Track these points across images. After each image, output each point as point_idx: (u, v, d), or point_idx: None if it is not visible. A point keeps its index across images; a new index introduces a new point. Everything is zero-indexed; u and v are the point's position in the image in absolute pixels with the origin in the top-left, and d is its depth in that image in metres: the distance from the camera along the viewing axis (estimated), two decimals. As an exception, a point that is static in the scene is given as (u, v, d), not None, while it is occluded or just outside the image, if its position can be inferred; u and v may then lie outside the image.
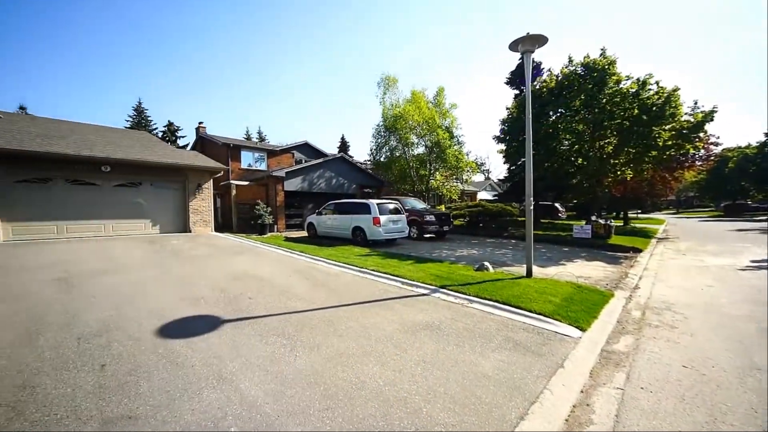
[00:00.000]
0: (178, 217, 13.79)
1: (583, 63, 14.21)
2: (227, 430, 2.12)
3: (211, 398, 2.44)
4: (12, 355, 3.06)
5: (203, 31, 77.90)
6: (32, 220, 10.75)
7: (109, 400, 2.41)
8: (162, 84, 73.50)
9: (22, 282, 5.54)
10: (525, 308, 4.56)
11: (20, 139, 10.99)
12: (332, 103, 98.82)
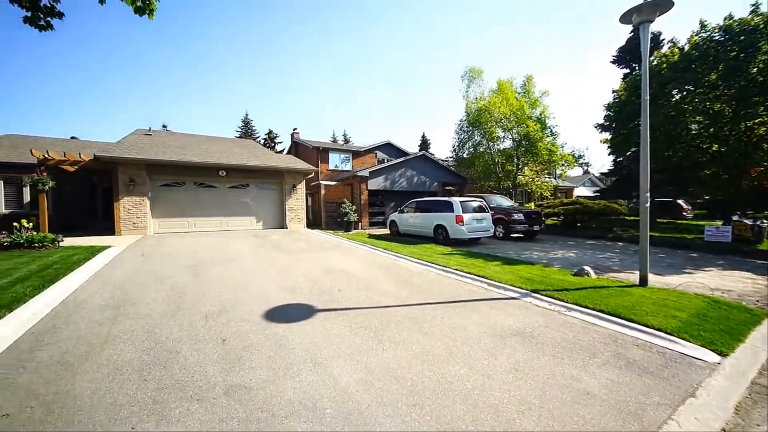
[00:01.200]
0: (277, 215, 15.58)
1: (722, 27, 11.44)
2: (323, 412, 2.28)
3: (309, 380, 2.67)
4: (163, 324, 3.82)
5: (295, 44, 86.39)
6: (171, 216, 13.39)
7: (230, 370, 2.82)
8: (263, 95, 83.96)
9: (165, 266, 6.91)
10: (639, 322, 3.88)
11: (164, 152, 13.76)
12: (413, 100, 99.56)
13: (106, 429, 2.10)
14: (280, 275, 6.21)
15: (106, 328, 3.69)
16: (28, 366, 2.87)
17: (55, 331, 3.61)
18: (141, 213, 12.36)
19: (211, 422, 2.17)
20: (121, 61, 70.59)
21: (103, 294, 4.93)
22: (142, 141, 15.19)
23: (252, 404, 2.35)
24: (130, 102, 73.32)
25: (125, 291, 5.08)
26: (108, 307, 4.37)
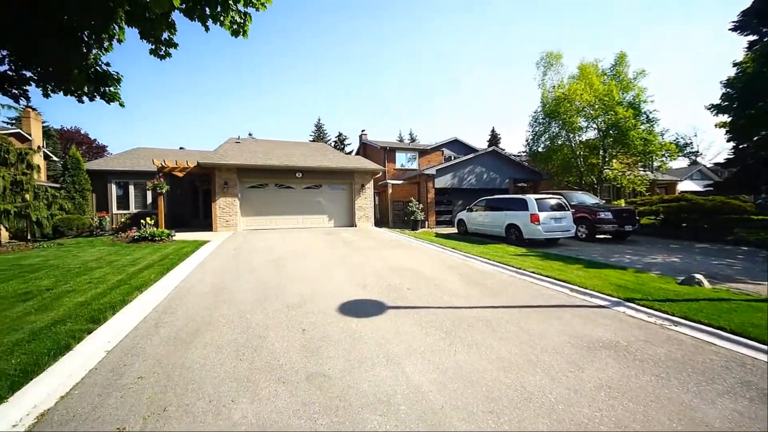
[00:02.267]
0: (347, 213, 16.32)
1: None
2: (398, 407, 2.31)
3: (382, 375, 2.73)
4: (252, 312, 4.28)
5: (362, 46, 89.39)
6: (256, 214, 14.93)
7: (310, 358, 3.03)
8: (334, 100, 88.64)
9: (252, 260, 7.72)
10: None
11: (251, 157, 15.39)
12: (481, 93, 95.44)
13: (211, 399, 2.43)
14: (351, 271, 6.48)
15: (208, 311, 4.27)
16: (153, 339, 3.46)
17: (172, 311, 4.29)
18: (232, 212, 14.04)
19: (295, 404, 2.35)
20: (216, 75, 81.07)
21: (206, 282, 5.72)
22: (234, 148, 17.23)
23: (330, 392, 2.50)
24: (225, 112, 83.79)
25: (222, 280, 5.82)
26: (210, 293, 5.05)
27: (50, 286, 5.22)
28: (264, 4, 3.98)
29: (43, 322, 3.74)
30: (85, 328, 3.61)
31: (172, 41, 3.83)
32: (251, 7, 3.97)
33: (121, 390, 2.54)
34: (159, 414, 2.26)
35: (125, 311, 4.26)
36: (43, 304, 4.37)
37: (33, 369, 2.77)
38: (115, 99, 4.88)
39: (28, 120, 17.83)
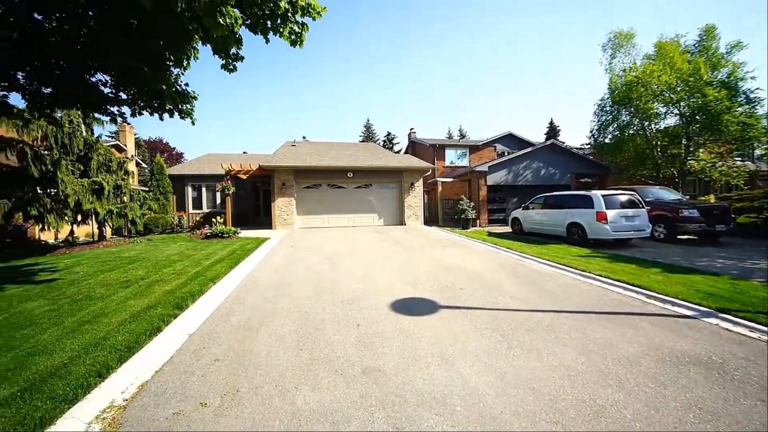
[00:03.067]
0: (396, 212, 16.42)
1: None
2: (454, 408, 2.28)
3: (437, 374, 2.71)
4: (310, 305, 4.52)
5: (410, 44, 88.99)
6: (310, 213, 15.68)
7: (365, 352, 3.12)
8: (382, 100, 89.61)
9: (308, 256, 8.13)
10: None
11: (305, 159, 16.20)
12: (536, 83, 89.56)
13: (277, 384, 2.62)
14: (402, 269, 6.51)
15: (271, 303, 4.60)
16: (226, 326, 3.83)
17: (240, 302, 4.70)
18: (289, 211, 14.93)
19: (353, 396, 2.44)
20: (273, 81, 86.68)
21: (268, 276, 6.16)
22: (290, 151, 18.29)
23: (386, 387, 2.54)
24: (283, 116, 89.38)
25: (282, 275, 6.22)
26: (271, 287, 5.43)
27: (143, 276, 6.03)
28: (319, 13, 4.16)
29: (140, 307, 4.34)
30: (171, 313, 4.11)
31: (239, 55, 4.18)
32: (308, 17, 4.18)
33: (201, 369, 2.86)
34: (233, 393, 2.50)
35: (202, 300, 4.76)
36: (139, 291, 5.07)
37: (133, 345, 3.23)
38: (189, 116, 5.47)
39: (124, 132, 20.72)
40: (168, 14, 2.99)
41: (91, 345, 3.25)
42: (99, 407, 2.37)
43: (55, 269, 7.01)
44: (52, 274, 6.48)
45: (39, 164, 9.58)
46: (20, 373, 2.77)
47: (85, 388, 2.55)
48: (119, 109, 5.65)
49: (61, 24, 4.20)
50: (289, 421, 2.19)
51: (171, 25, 3.23)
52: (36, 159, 9.58)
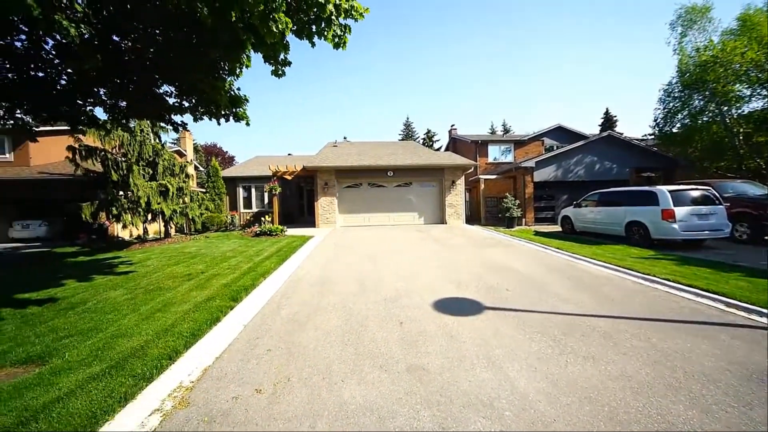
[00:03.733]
0: (436, 211, 16.21)
1: None
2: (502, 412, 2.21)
3: (483, 377, 2.64)
4: (354, 302, 4.62)
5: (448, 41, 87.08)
6: (352, 212, 16.01)
7: (409, 350, 3.12)
8: (421, 98, 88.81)
9: (351, 254, 8.31)
10: None
11: (346, 159, 16.55)
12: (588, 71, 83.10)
13: (324, 376, 2.72)
14: (444, 269, 6.42)
15: (317, 298, 4.78)
16: (276, 318, 4.05)
17: (288, 296, 4.94)
18: (331, 210, 15.37)
19: (398, 392, 2.45)
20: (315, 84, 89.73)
21: (313, 272, 6.40)
22: (332, 152, 18.81)
23: (430, 386, 2.53)
24: (324, 117, 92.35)
25: (326, 272, 6.43)
26: (316, 283, 5.64)
27: (203, 270, 6.58)
28: (362, 14, 4.23)
29: (201, 298, 4.74)
30: (228, 305, 4.44)
31: (286, 60, 4.38)
32: (350, 19, 4.26)
33: (255, 358, 3.05)
34: (285, 382, 2.64)
35: (254, 293, 5.08)
36: (200, 284, 5.54)
37: (197, 333, 3.54)
38: (243, 118, 5.83)
39: (184, 139, 22.70)
40: (224, 26, 3.23)
41: (163, 331, 3.61)
42: (170, 387, 2.63)
43: (131, 262, 7.89)
44: (129, 267, 7.30)
45: (117, 169, 10.83)
46: (107, 353, 3.16)
47: (159, 369, 2.84)
48: (182, 117, 6.20)
49: (134, 43, 4.71)
50: (337, 412, 2.27)
51: (226, 36, 3.48)
52: (115, 165, 10.84)
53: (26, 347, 3.40)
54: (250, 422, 2.20)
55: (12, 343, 3.51)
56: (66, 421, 2.19)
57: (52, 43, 4.87)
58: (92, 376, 2.74)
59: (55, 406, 2.35)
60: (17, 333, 3.78)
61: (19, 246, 13.17)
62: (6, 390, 2.60)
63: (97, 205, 10.55)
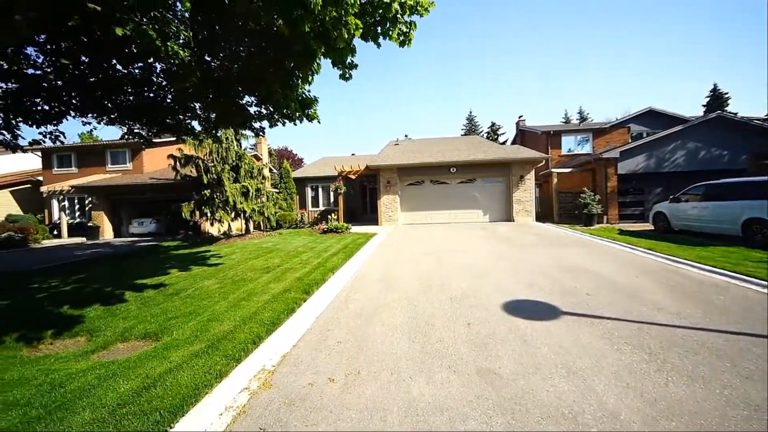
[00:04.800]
0: (503, 207, 15.36)
1: None
2: (588, 430, 2.00)
3: (563, 388, 2.43)
4: (418, 299, 4.61)
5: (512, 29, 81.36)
6: (414, 210, 15.99)
7: (479, 353, 3.01)
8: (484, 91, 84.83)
9: (414, 252, 8.30)
10: None
11: (408, 157, 16.56)
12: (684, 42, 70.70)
13: (392, 372, 2.76)
14: (513, 268, 6.06)
15: (382, 294, 4.88)
16: (345, 312, 4.23)
17: (355, 291, 5.13)
18: (394, 208, 15.55)
19: (468, 395, 2.38)
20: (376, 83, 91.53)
21: (378, 269, 6.55)
22: (393, 150, 19.02)
23: (503, 392, 2.40)
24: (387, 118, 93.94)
25: (390, 268, 6.53)
26: (381, 279, 5.76)
27: (279, 264, 7.17)
28: (427, 9, 4.17)
29: (278, 290, 5.17)
30: (301, 297, 4.77)
31: (353, 63, 4.52)
32: (415, 15, 4.23)
33: (327, 349, 3.23)
34: (355, 374, 2.74)
35: (324, 287, 5.38)
36: (276, 277, 6.05)
37: (276, 321, 3.87)
38: (315, 117, 6.16)
39: (260, 144, 24.98)
40: (297, 36, 3.46)
41: (247, 318, 4.03)
42: (255, 369, 2.91)
43: (219, 256, 8.95)
44: (218, 260, 8.29)
45: (208, 174, 12.34)
46: (205, 334, 3.63)
47: (245, 352, 3.17)
48: (260, 123, 6.82)
49: (222, 61, 5.31)
50: (406, 408, 2.28)
51: (299, 46, 3.73)
52: (206, 170, 12.38)
53: (145, 325, 4.07)
54: (325, 408, 2.33)
55: (135, 321, 4.24)
56: (176, 390, 2.56)
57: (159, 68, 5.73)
58: (194, 354, 3.16)
59: (167, 376, 2.77)
60: (138, 313, 4.55)
61: (136, 240, 15.85)
62: (133, 359, 3.15)
63: (193, 205, 12.19)
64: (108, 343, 3.66)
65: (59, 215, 18.41)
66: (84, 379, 2.82)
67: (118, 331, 3.93)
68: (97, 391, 2.62)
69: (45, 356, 3.52)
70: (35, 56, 5.75)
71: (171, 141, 16.45)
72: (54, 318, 4.47)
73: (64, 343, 3.84)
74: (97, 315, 4.53)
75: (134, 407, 2.37)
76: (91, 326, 4.14)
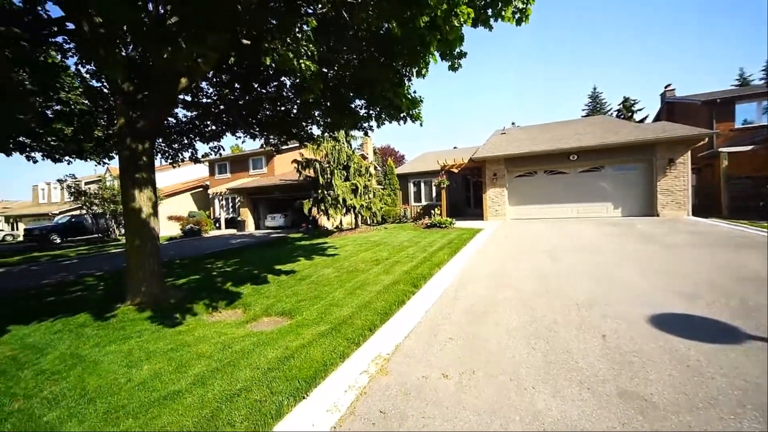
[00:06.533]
0: (642, 199, 12.69)
1: None
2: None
3: None
4: (534, 302, 4.18)
5: None
6: (524, 204, 14.63)
7: (619, 372, 2.55)
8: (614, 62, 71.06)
9: (525, 249, 7.58)
10: None
11: (517, 146, 15.20)
12: None
13: (512, 378, 2.57)
14: (662, 273, 4.94)
15: (492, 293, 4.61)
16: (454, 308, 4.15)
17: (463, 287, 4.99)
18: (501, 202, 14.56)
19: (608, 419, 2.04)
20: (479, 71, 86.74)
21: (486, 266, 6.23)
22: (499, 140, 17.76)
23: (661, 425, 1.97)
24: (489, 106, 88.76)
25: (500, 265, 6.13)
26: (490, 276, 5.45)
27: (387, 257, 7.54)
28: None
29: (387, 282, 5.43)
30: (409, 290, 4.89)
31: (462, 53, 4.35)
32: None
33: (439, 344, 3.22)
34: (470, 374, 2.66)
35: (431, 282, 5.40)
36: (385, 269, 6.36)
37: (388, 311, 4.07)
38: (418, 118, 6.20)
39: (366, 144, 26.66)
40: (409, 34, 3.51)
41: (363, 305, 4.35)
42: (371, 354, 3.11)
43: (334, 247, 9.94)
44: (334, 251, 9.21)
45: (324, 174, 13.81)
46: (327, 317, 4.07)
47: (363, 337, 3.43)
48: (369, 124, 7.25)
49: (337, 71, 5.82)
50: (530, 420, 2.09)
51: (411, 42, 3.78)
52: (322, 171, 13.87)
53: (282, 304, 4.80)
54: (440, 404, 2.32)
55: (274, 300, 5.04)
56: (309, 364, 2.94)
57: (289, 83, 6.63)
58: (321, 333, 3.58)
59: (301, 351, 3.20)
60: (276, 293, 5.40)
61: (270, 231, 18.94)
62: (275, 333, 3.75)
63: (312, 202, 13.86)
64: (257, 316, 4.46)
65: (219, 211, 23.41)
66: (243, 343, 3.50)
67: (263, 307, 4.75)
68: (252, 354, 3.21)
69: (217, 321, 4.51)
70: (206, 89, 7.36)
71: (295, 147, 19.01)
72: (223, 292, 5.69)
73: (228, 312, 4.84)
74: (248, 292, 5.57)
75: (279, 373, 2.82)
76: (245, 301, 5.12)
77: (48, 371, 3.23)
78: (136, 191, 5.02)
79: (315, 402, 2.45)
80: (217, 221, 22.94)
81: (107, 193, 19.77)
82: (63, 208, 26.76)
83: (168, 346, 3.58)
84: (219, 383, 2.75)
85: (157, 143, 8.14)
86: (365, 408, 2.34)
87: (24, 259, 12.78)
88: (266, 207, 22.68)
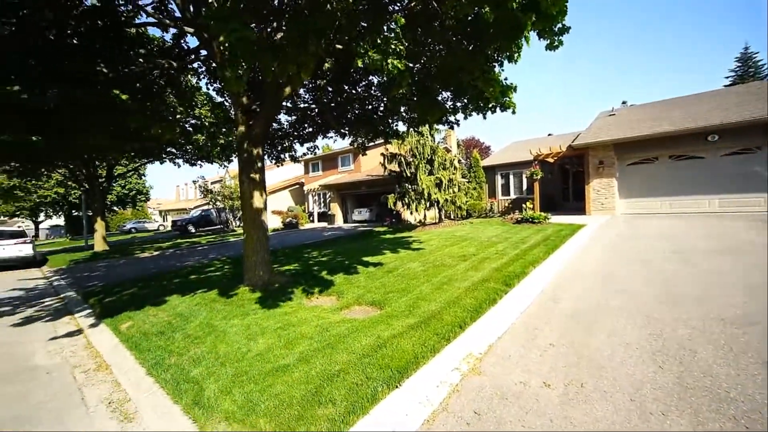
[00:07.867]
0: (825, 188, 9.54)
1: None
2: None
3: None
4: (658, 311, 3.52)
5: None
6: (639, 196, 12.41)
7: None
8: None
9: (643, 249, 6.41)
10: None
11: (631, 128, 12.91)
12: None
13: (632, 397, 2.21)
14: None
15: (600, 298, 4.04)
16: (554, 312, 3.77)
17: (563, 289, 4.49)
18: (609, 194, 12.64)
19: (780, 471, 1.60)
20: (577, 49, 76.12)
21: (591, 267, 5.50)
22: (607, 123, 15.37)
23: None
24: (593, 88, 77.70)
25: (608, 267, 5.33)
26: (597, 278, 4.79)
27: (474, 253, 7.26)
28: None
29: (476, 278, 5.23)
30: (501, 288, 4.62)
31: (565, 27, 3.86)
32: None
33: (538, 349, 2.97)
34: (578, 387, 2.38)
35: (525, 281, 5.01)
36: (473, 265, 6.14)
37: (478, 309, 3.91)
38: (510, 106, 5.74)
39: (450, 137, 25.98)
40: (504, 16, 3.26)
41: (451, 301, 4.27)
42: (462, 352, 3.04)
43: (419, 241, 10.00)
44: (419, 245, 9.26)
45: (408, 168, 13.96)
46: (416, 310, 4.12)
47: (453, 333, 3.37)
48: (455, 117, 7.03)
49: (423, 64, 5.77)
50: (661, 452, 1.77)
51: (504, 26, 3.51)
52: (406, 165, 14.03)
53: (371, 294, 5.03)
54: (544, 415, 2.14)
55: (364, 290, 5.31)
56: (400, 354, 3.02)
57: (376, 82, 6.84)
58: (410, 326, 3.64)
59: (392, 341, 3.30)
60: (366, 283, 5.68)
61: (356, 225, 20.03)
62: (367, 321, 3.95)
63: (396, 196, 14.16)
64: (349, 304, 4.77)
65: (312, 206, 25.73)
66: (339, 328, 3.78)
67: (355, 296, 5.05)
68: (347, 339, 3.45)
69: (315, 306, 4.96)
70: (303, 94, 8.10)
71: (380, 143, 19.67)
72: (319, 280, 6.26)
73: (324, 299, 5.29)
74: (340, 281, 6.00)
75: (373, 359, 2.96)
76: (338, 289, 5.52)
77: (192, 336, 4.01)
78: (252, 189, 5.83)
79: (407, 392, 2.50)
80: (311, 215, 25.28)
81: (227, 191, 23.66)
82: (196, 203, 32.91)
83: (277, 324, 4.08)
84: (320, 362, 3.03)
85: (265, 146, 9.34)
86: (458, 406, 2.30)
87: (172, 245, 16.15)
88: (353, 202, 24.04)
